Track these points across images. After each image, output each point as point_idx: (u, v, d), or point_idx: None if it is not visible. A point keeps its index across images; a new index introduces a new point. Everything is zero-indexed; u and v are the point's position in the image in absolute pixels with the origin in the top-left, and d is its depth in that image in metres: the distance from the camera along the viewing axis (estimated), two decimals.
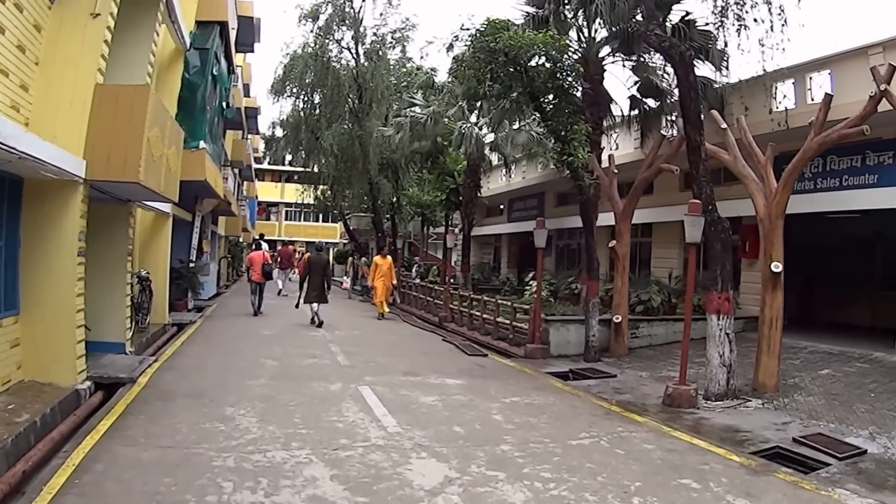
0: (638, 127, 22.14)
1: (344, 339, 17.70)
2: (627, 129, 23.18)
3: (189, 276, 22.04)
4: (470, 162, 29.61)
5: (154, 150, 11.21)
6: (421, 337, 19.44)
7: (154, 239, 18.83)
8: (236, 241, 47.90)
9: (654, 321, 19.09)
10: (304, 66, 32.95)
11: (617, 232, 18.01)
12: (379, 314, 23.88)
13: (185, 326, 19.06)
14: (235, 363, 13.29)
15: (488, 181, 35.51)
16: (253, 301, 23.52)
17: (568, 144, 16.08)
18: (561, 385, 13.25)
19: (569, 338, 17.34)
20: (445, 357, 15.81)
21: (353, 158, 33.24)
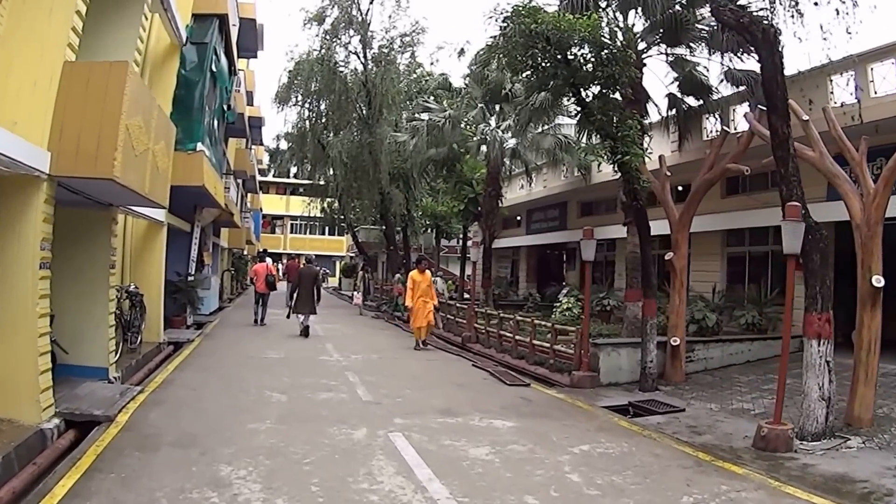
0: (676, 128, 20.19)
1: (361, 365, 15.49)
2: (664, 130, 21.29)
3: (187, 290, 20.16)
4: (490, 169, 27.85)
5: (136, 143, 9.20)
6: (448, 362, 17.17)
7: (147, 250, 16.93)
8: (240, 253, 46.21)
9: (711, 343, 17.08)
10: (309, 71, 31.70)
11: (673, 243, 15.97)
12: (417, 343, 19.36)
13: (182, 345, 17.15)
14: (236, 397, 11.13)
15: (506, 191, 33.40)
16: (256, 311, 24.06)
17: (620, 142, 13.99)
18: (627, 424, 11.13)
19: (620, 364, 15.31)
20: (483, 389, 13.54)
21: (363, 167, 31.66)
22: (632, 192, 14.88)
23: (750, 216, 20.10)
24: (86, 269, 11.07)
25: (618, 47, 14.34)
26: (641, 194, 14.93)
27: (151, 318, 16.21)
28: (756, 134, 13.77)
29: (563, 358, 15.84)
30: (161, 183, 11.38)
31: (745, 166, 14.80)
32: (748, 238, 21.75)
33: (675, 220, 15.98)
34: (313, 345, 18.68)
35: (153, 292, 16.56)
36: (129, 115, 8.74)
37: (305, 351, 17.36)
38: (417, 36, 32.04)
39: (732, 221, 20.56)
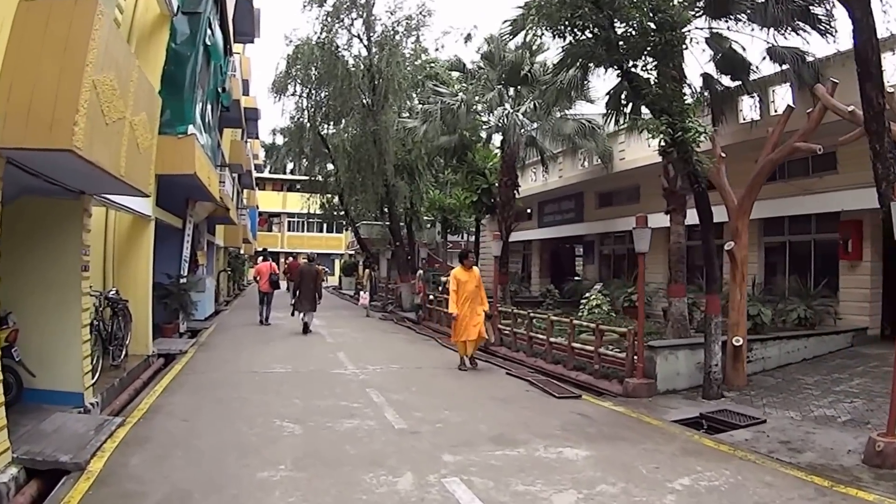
0: (709, 110, 18.24)
1: (382, 379, 13.28)
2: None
3: (179, 293, 18.15)
4: (506, 157, 26.08)
5: (107, 107, 7.16)
6: (478, 372, 14.97)
7: (133, 249, 14.88)
8: (237, 252, 44.35)
9: (768, 340, 15.26)
10: (309, 56, 29.79)
11: (733, 231, 14.22)
12: (463, 361, 15.14)
13: (173, 358, 15.17)
14: (238, 430, 8.93)
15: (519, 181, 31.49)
16: (261, 311, 24.17)
17: (678, 117, 12.11)
18: (713, 444, 9.21)
19: (678, 368, 13.43)
20: (530, 404, 11.40)
21: (367, 158, 29.77)
22: (692, 174, 13.02)
23: (790, 204, 18.75)
24: (53, 272, 9.08)
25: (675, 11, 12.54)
26: (703, 177, 13.17)
27: (138, 327, 14.20)
28: (830, 109, 12.56)
29: (609, 363, 14.05)
30: (142, 165, 9.31)
31: (818, 144, 13.32)
32: (787, 227, 20.28)
33: (733, 205, 14.29)
34: (323, 354, 16.61)
35: (140, 297, 14.61)
36: (97, 68, 6.69)
37: (315, 362, 15.27)
38: (424, 18, 30.00)
39: (771, 209, 18.80)
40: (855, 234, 17.44)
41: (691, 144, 12.29)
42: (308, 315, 21.41)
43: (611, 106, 19.43)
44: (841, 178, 17.34)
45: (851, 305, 17.65)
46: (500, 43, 26.01)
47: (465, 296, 14.83)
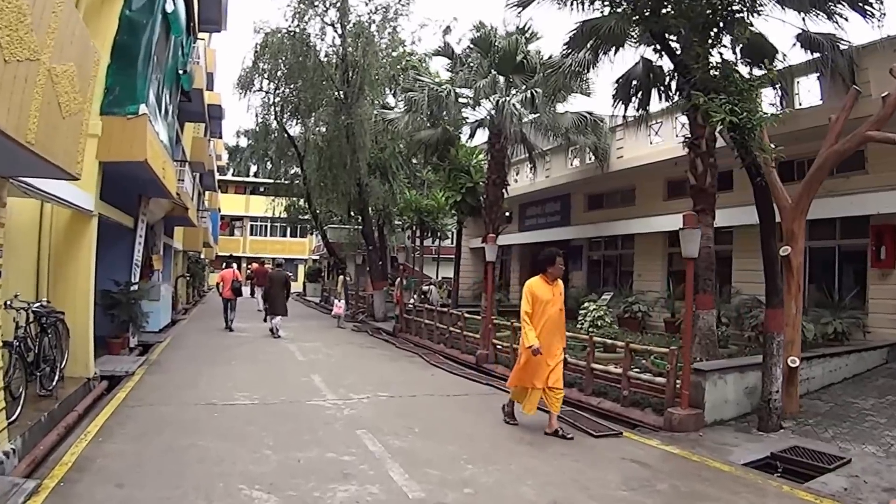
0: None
1: (372, 412, 10.74)
2: None
3: (129, 303, 15.68)
4: (495, 153, 24.03)
5: (6, 39, 4.84)
6: (484, 398, 12.56)
7: (72, 251, 12.36)
8: (197, 257, 41.95)
9: (812, 359, 13.33)
10: (279, 45, 27.53)
11: (787, 234, 12.23)
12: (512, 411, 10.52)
13: (119, 381, 12.75)
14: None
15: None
16: (225, 317, 24.06)
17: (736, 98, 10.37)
18: (811, 497, 7.27)
19: (726, 395, 11.37)
20: (568, 449, 8.93)
21: (339, 154, 27.51)
22: (753, 166, 11.18)
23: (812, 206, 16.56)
24: None
25: None
26: (766, 168, 11.46)
27: (77, 343, 11.79)
28: None
29: (643, 389, 11.84)
30: (67, 135, 6.89)
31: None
32: (808, 232, 18.10)
33: (787, 204, 12.28)
34: (295, 377, 14.06)
35: (79, 308, 12.21)
36: None
37: (287, 389, 12.61)
38: (402, 8, 27.99)
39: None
40: (889, 239, 15.86)
41: (755, 132, 10.50)
42: (279, 319, 22.05)
43: (619, 95, 17.79)
44: (870, 178, 15.90)
45: (883, 318, 16.02)
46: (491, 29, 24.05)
47: (544, 321, 9.73)
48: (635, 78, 17.53)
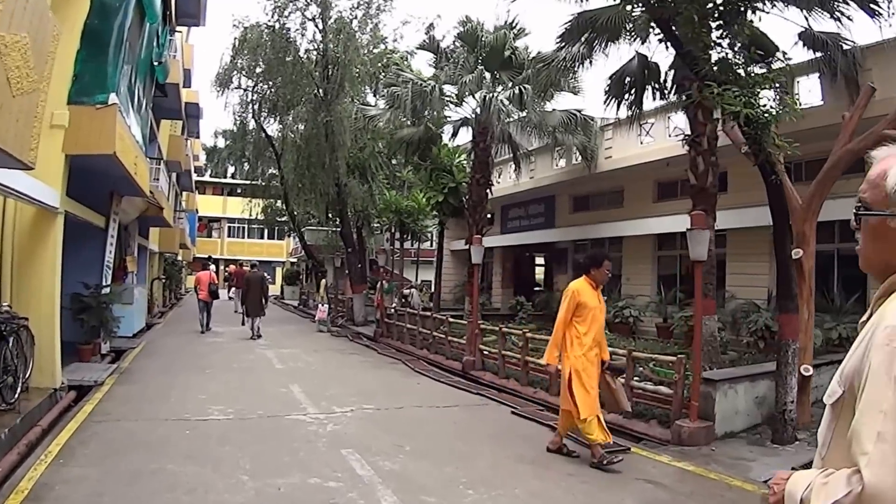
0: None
1: (358, 428, 9.97)
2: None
3: (99, 307, 14.80)
4: (479, 152, 23.35)
5: None
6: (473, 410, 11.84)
7: (37, 251, 11.51)
8: (173, 258, 40.99)
9: (821, 366, 12.53)
10: (258, 40, 26.87)
11: (799, 236, 11.48)
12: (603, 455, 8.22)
13: (89, 392, 11.84)
14: None
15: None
16: (201, 319, 23.98)
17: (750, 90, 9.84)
18: None
19: (737, 405, 10.73)
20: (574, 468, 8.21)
21: (318, 153, 26.73)
22: (766, 163, 10.59)
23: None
24: None
25: None
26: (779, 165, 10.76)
27: (42, 351, 10.93)
28: None
29: (643, 399, 11.25)
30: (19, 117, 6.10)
31: None
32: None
33: (798, 205, 11.52)
34: (273, 387, 13.15)
35: (44, 314, 11.33)
36: None
37: (265, 401, 11.68)
38: (385, 4, 27.22)
39: None
40: None
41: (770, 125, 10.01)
42: (256, 320, 22.24)
43: (612, 92, 17.21)
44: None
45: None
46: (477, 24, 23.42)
47: (594, 330, 8.35)
48: (629, 74, 17.05)
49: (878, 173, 1.93)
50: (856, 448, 1.70)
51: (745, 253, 19.05)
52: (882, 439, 1.63)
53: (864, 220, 1.96)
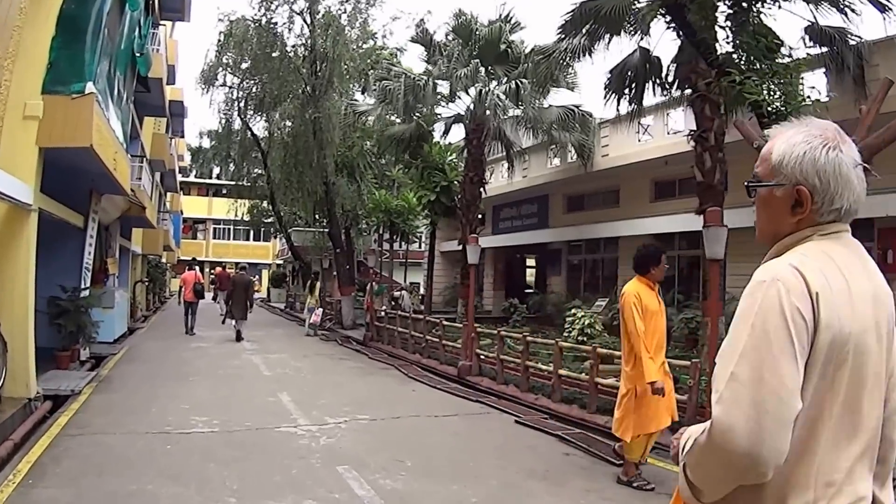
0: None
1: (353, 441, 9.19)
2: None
3: (77, 311, 13.99)
4: (472, 149, 22.89)
5: None
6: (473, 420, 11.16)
7: (7, 252, 10.75)
8: (157, 261, 40.19)
9: None
10: (244, 34, 26.25)
11: None
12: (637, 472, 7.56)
13: (65, 401, 11.06)
14: None
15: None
16: (186, 321, 23.80)
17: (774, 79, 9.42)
18: None
19: None
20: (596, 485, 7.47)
21: (306, 150, 26.14)
22: None
23: None
24: None
25: None
26: None
27: (16, 359, 10.19)
28: None
29: None
30: None
31: None
32: None
33: None
34: (261, 396, 12.37)
35: (17, 318, 10.59)
36: None
37: (253, 412, 10.92)
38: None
39: None
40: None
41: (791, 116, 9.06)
42: (240, 323, 22.11)
43: (613, 87, 16.72)
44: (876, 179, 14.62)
45: None
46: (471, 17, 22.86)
47: (657, 339, 7.35)
48: (630, 68, 16.64)
49: (767, 149, 2.04)
50: (713, 389, 1.78)
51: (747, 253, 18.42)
52: (734, 379, 1.72)
53: (757, 193, 2.06)
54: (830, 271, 1.83)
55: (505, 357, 14.48)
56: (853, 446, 1.79)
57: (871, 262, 2.00)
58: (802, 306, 1.75)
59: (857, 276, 1.87)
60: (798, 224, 1.97)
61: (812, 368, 1.75)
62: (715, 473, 1.79)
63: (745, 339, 1.75)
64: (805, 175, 1.92)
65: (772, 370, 1.70)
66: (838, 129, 2.01)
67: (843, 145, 1.95)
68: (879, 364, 1.85)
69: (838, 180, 1.91)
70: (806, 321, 1.74)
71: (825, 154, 1.92)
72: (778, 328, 1.72)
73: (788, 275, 1.79)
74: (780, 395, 1.68)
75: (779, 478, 1.73)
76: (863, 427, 1.80)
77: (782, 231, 2.00)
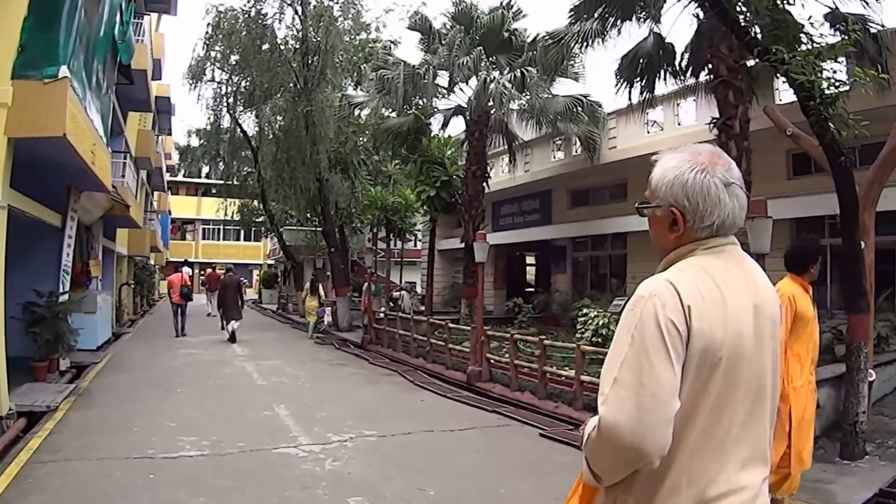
0: None
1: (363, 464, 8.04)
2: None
3: (55, 318, 12.99)
4: (474, 141, 22.06)
5: None
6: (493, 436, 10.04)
7: None
8: (144, 262, 39.18)
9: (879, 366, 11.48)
10: (233, 26, 25.28)
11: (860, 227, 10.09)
12: None
13: (41, 419, 9.96)
14: None
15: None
16: (175, 323, 23.55)
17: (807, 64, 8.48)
18: None
19: None
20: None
21: (298, 146, 25.05)
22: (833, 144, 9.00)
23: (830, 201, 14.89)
24: None
25: None
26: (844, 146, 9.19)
27: None
28: None
29: None
30: None
31: None
32: (827, 229, 16.77)
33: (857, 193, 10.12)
34: (256, 410, 11.24)
35: None
36: None
37: (246, 429, 9.76)
38: None
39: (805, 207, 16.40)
40: None
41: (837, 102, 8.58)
42: (233, 324, 21.92)
43: (624, 75, 15.92)
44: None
45: None
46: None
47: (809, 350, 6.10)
48: (643, 55, 15.83)
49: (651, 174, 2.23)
50: (600, 391, 1.99)
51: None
52: (618, 383, 1.91)
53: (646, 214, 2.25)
54: (705, 284, 2.01)
55: (519, 362, 13.53)
56: (728, 440, 1.97)
57: (757, 273, 2.16)
58: (676, 319, 1.92)
59: (734, 288, 2.04)
60: (678, 241, 2.15)
61: (687, 372, 1.92)
62: (608, 463, 1.97)
63: (626, 348, 1.93)
64: (676, 197, 2.11)
65: (650, 375, 1.87)
66: (716, 151, 2.17)
67: (714, 168, 2.11)
68: (760, 366, 2.03)
69: (706, 200, 2.08)
70: (679, 331, 1.91)
71: (693, 177, 2.09)
72: (655, 338, 1.90)
73: (664, 290, 1.97)
74: (658, 397, 1.86)
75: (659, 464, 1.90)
76: (737, 424, 1.98)
77: (668, 247, 2.18)
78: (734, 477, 1.95)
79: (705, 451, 1.93)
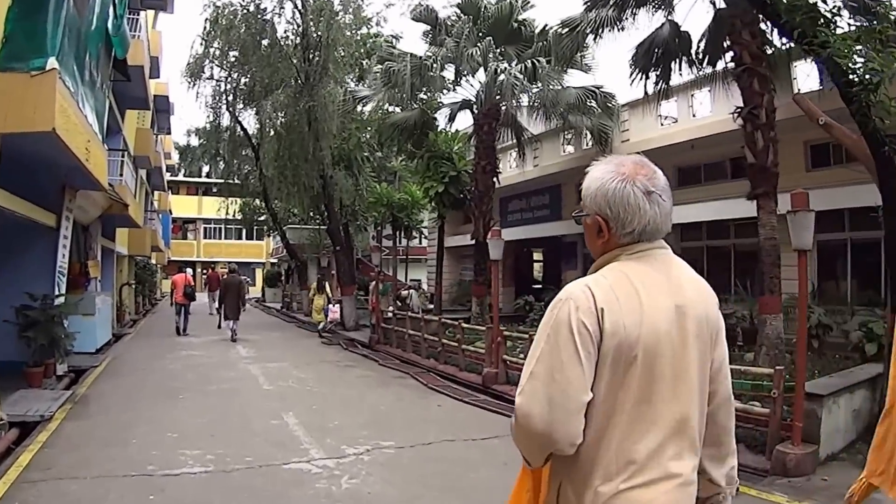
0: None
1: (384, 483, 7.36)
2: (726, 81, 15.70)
3: (50, 321, 12.45)
4: (484, 135, 21.47)
5: None
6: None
7: None
8: (145, 262, 38.77)
9: None
10: (232, 20, 24.98)
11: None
12: None
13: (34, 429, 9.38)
14: None
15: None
16: (177, 322, 23.88)
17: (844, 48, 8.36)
18: None
19: (838, 422, 8.92)
20: None
21: (300, 142, 24.62)
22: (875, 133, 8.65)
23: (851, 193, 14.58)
24: None
25: None
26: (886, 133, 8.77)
27: None
28: None
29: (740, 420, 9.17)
30: None
31: None
32: (848, 221, 16.34)
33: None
34: (263, 419, 10.58)
35: None
36: None
37: (253, 441, 9.10)
38: None
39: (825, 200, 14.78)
40: None
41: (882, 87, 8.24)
42: (234, 323, 22.27)
43: (638, 64, 15.53)
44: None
45: None
46: None
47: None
48: (659, 44, 15.36)
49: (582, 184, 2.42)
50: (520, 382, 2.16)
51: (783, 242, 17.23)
52: (533, 376, 2.10)
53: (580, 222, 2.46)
54: (622, 288, 2.15)
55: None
56: (654, 431, 2.10)
57: (683, 275, 2.30)
58: (588, 320, 2.08)
59: (654, 291, 2.18)
60: (604, 246, 2.33)
61: (602, 368, 2.09)
62: (525, 447, 2.19)
63: (542, 345, 2.11)
64: (599, 206, 2.30)
65: (560, 372, 2.05)
66: (639, 161, 2.33)
67: (635, 177, 2.26)
68: (682, 363, 2.15)
69: (627, 209, 2.24)
70: (591, 332, 2.07)
71: (615, 187, 2.26)
72: (566, 339, 2.07)
73: (579, 294, 2.14)
74: (566, 392, 2.05)
75: (589, 453, 2.10)
76: (662, 416, 2.11)
77: (597, 252, 2.38)
78: (664, 465, 2.08)
79: (632, 441, 2.07)
